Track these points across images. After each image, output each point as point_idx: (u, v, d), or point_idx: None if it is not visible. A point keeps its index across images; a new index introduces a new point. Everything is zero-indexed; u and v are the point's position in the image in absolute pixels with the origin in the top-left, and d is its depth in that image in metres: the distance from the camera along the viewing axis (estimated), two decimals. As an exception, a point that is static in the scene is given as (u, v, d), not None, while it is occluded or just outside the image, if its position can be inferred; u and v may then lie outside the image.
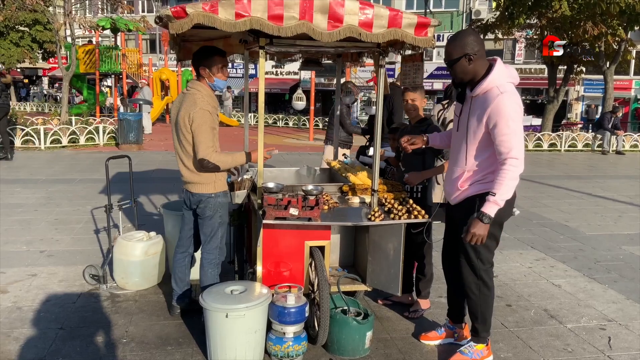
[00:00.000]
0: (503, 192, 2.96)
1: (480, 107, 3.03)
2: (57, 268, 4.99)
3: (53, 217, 6.91)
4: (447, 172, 3.43)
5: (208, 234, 3.78)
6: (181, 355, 3.46)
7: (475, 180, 3.17)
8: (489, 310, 3.40)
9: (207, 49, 3.72)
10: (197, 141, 3.50)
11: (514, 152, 2.93)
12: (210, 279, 3.82)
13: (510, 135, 2.93)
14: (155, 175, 9.78)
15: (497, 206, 2.98)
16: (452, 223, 3.47)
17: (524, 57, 32.27)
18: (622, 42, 17.40)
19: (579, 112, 32.76)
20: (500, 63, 3.08)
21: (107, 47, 22.75)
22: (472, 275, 3.31)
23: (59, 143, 14.21)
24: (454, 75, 3.12)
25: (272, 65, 35.06)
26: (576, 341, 3.87)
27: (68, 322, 3.89)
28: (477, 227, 3.01)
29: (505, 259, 5.72)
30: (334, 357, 3.49)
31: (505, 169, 2.94)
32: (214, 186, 3.68)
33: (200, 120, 3.48)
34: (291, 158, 13.31)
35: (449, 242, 3.56)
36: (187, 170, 3.69)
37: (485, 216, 2.98)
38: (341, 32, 3.18)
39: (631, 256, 6.00)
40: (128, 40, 35.18)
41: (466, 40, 3.02)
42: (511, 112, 2.94)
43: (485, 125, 3.01)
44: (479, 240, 3.04)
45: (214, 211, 3.71)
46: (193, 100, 3.53)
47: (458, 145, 3.26)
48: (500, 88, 2.98)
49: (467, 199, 3.22)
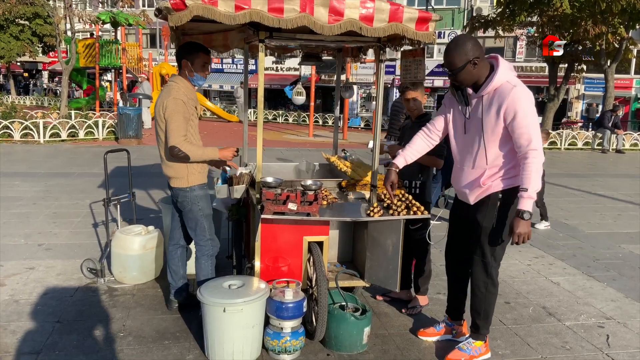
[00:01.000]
0: (534, 185, 2.96)
1: (496, 103, 3.02)
2: (55, 261, 4.98)
3: (51, 210, 6.89)
4: (457, 174, 3.37)
5: (192, 227, 3.79)
6: (178, 350, 3.45)
7: (498, 176, 3.15)
8: (492, 308, 3.41)
9: (193, 44, 3.71)
10: (169, 129, 3.49)
11: (534, 143, 2.94)
12: (204, 270, 3.81)
13: (530, 126, 2.95)
14: (155, 169, 9.77)
15: (532, 199, 2.99)
16: (462, 222, 3.43)
17: (525, 55, 32.21)
18: (623, 41, 17.37)
19: (579, 110, 32.72)
20: (502, 60, 3.09)
21: (107, 41, 22.72)
22: (484, 273, 3.31)
23: (58, 137, 14.18)
24: (459, 82, 3.10)
25: (273, 61, 35.01)
26: (574, 339, 3.87)
27: (65, 315, 3.88)
28: (522, 226, 2.99)
29: (504, 256, 5.68)
30: (331, 353, 3.48)
31: (529, 162, 2.95)
32: (187, 180, 3.66)
33: (172, 108, 3.48)
34: (291, 154, 13.30)
35: (456, 241, 3.54)
36: (164, 164, 3.70)
37: (526, 213, 2.98)
38: (342, 26, 3.16)
39: (630, 254, 5.99)
40: (128, 34, 35.10)
41: (467, 46, 3.01)
42: (528, 103, 2.97)
43: (503, 120, 3.00)
44: (526, 237, 3.02)
45: (191, 204, 3.70)
46: (168, 90, 3.55)
47: (469, 147, 3.22)
48: (511, 82, 3.01)
49: (489, 196, 3.20)
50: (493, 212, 3.16)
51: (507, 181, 3.12)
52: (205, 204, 3.76)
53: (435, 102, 33.77)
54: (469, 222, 3.35)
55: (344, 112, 18.82)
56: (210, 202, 3.83)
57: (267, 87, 34.88)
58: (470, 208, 3.30)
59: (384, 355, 3.50)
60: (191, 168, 3.65)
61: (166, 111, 3.48)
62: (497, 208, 3.16)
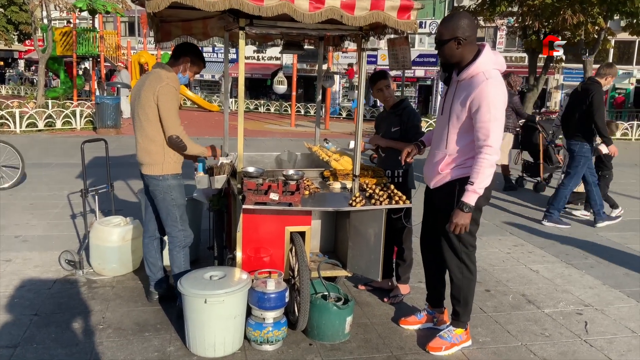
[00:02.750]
0: (481, 181, 3.00)
1: (466, 91, 3.04)
2: (32, 253, 4.89)
3: (28, 202, 6.77)
4: (428, 156, 3.42)
5: (164, 217, 3.75)
6: (159, 341, 3.42)
7: (456, 164, 3.18)
8: (471, 294, 3.43)
9: (201, 53, 3.80)
10: (166, 116, 3.47)
11: (490, 140, 2.96)
12: (177, 262, 3.78)
13: (491, 122, 2.94)
14: (134, 160, 9.54)
15: (477, 194, 3.02)
16: (431, 207, 3.47)
17: (505, 44, 32.43)
18: (602, 31, 17.54)
19: (558, 100, 33.10)
20: (488, 49, 3.09)
21: (84, 29, 22.28)
22: (455, 258, 3.34)
23: (35, 127, 13.92)
24: (441, 56, 3.13)
25: (254, 50, 34.70)
26: (553, 326, 3.92)
27: (43, 308, 3.82)
28: (459, 217, 3.05)
29: (484, 244, 5.76)
30: (313, 342, 3.48)
31: (482, 157, 2.98)
32: (162, 168, 3.62)
33: (168, 95, 3.46)
34: (272, 144, 13.23)
35: (428, 227, 3.58)
36: (140, 149, 3.65)
37: (466, 206, 3.03)
38: (323, 14, 3.12)
39: (608, 242, 6.09)
40: (106, 22, 34.42)
41: (459, 23, 3.01)
42: (494, 98, 2.95)
43: (468, 110, 3.02)
44: (462, 229, 3.08)
45: (163, 193, 3.66)
46: (159, 77, 3.51)
47: (441, 129, 3.26)
48: (486, 74, 3.00)
49: (446, 184, 3.23)
50: (452, 200, 3.17)
51: (465, 170, 3.12)
52: (179, 194, 3.72)
53: (416, 91, 33.87)
54: (433, 208, 3.40)
55: (326, 102, 18.78)
56: (183, 193, 3.78)
57: (249, 76, 34.61)
58: (433, 192, 3.36)
59: (366, 344, 3.51)
60: (167, 157, 3.61)
61: (160, 97, 3.45)
62: (455, 196, 3.15)
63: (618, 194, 8.87)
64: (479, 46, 3.09)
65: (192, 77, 3.77)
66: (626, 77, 31.81)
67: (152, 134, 3.56)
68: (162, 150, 3.59)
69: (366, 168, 4.08)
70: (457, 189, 3.14)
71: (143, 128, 3.57)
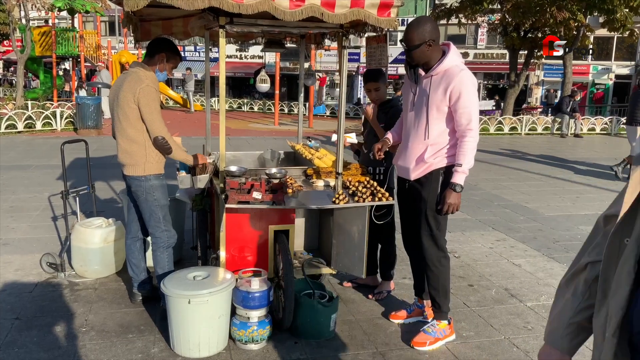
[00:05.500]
0: (468, 162, 3.21)
1: (444, 83, 3.22)
2: (13, 257, 4.82)
3: (8, 204, 6.67)
4: (400, 151, 3.52)
5: (147, 218, 3.73)
6: (143, 343, 3.39)
7: (440, 154, 3.32)
8: (448, 282, 3.55)
9: (176, 47, 3.77)
10: (149, 118, 3.46)
11: (472, 123, 3.20)
12: (160, 262, 3.76)
13: (471, 107, 3.19)
14: (115, 160, 9.43)
15: (465, 175, 3.22)
16: (407, 202, 3.55)
17: (486, 42, 32.69)
18: (581, 28, 17.78)
19: (538, 96, 33.47)
20: (453, 46, 3.34)
21: (63, 29, 21.98)
22: (435, 247, 3.44)
23: (15, 128, 13.71)
24: (411, 59, 3.31)
25: (236, 49, 34.57)
26: (536, 319, 3.97)
27: (24, 311, 3.77)
28: (452, 197, 3.23)
29: (467, 239, 5.81)
30: (299, 340, 3.48)
31: (466, 140, 3.20)
32: (144, 168, 3.60)
33: (148, 97, 3.44)
34: (256, 143, 13.19)
35: (407, 222, 3.66)
36: (121, 150, 3.63)
37: (457, 185, 3.22)
38: (303, 12, 3.12)
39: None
40: (86, 22, 34.04)
41: (426, 27, 3.21)
42: (472, 86, 3.23)
43: (448, 99, 3.21)
44: (454, 208, 3.28)
45: (146, 194, 3.64)
46: (138, 77, 3.48)
47: (416, 122, 3.38)
48: (459, 66, 3.26)
49: (432, 172, 3.35)
50: (437, 187, 3.34)
51: (449, 159, 3.31)
52: (161, 195, 3.69)
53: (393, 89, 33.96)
54: (412, 200, 3.48)
55: (309, 100, 18.75)
56: (166, 193, 3.76)
57: (231, 75, 34.47)
58: (413, 185, 3.44)
59: (351, 341, 3.52)
60: (149, 157, 3.58)
61: (141, 99, 3.42)
62: (440, 183, 3.34)
63: (599, 188, 9.02)
64: (442, 46, 3.32)
65: (170, 72, 3.74)
66: (605, 72, 32.29)
67: (133, 135, 3.53)
68: (144, 151, 3.57)
69: (349, 166, 4.09)
70: (442, 177, 3.31)
71: (123, 129, 3.54)
